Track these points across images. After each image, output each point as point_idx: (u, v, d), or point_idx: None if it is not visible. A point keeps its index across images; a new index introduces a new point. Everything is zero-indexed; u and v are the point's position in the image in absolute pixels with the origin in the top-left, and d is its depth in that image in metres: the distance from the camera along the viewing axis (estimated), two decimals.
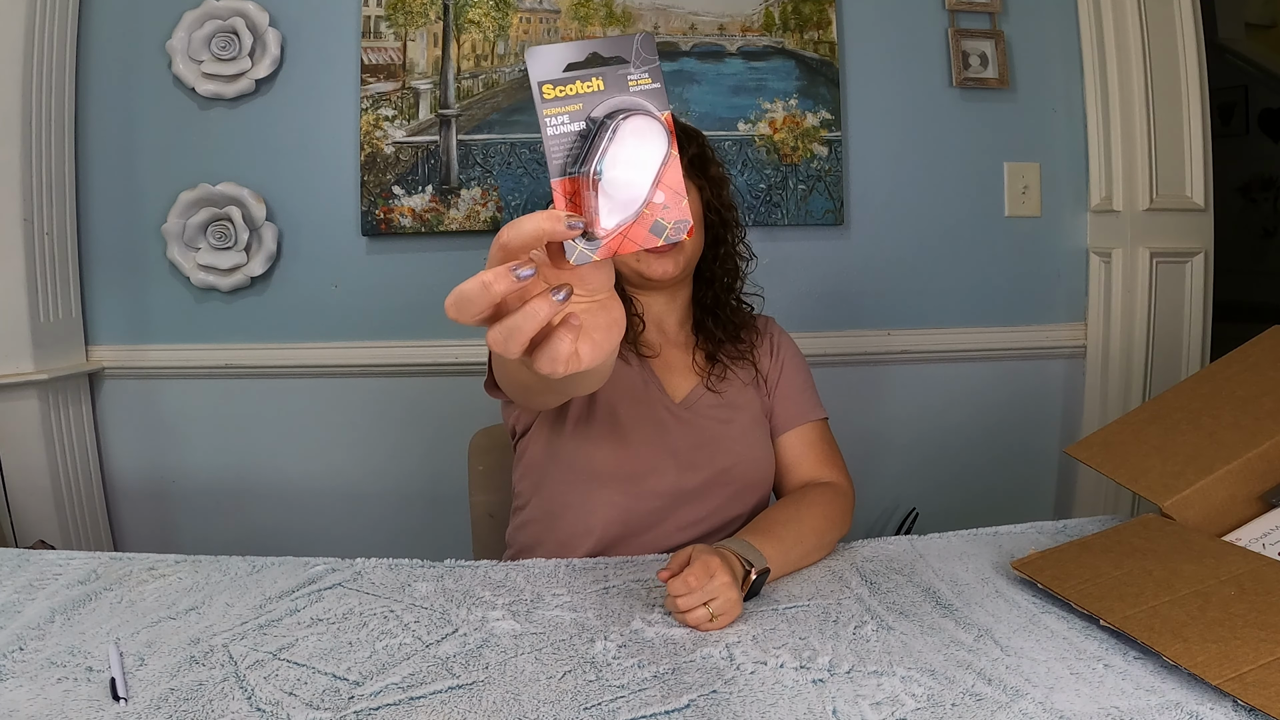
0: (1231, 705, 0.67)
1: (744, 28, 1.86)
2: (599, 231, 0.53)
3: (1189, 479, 0.95)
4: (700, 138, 1.15)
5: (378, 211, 1.81)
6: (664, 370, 1.16)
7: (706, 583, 0.83)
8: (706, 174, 1.14)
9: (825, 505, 1.07)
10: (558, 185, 0.53)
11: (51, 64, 1.70)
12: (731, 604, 0.84)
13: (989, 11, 1.89)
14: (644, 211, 0.54)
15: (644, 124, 0.54)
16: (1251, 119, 3.64)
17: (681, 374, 1.17)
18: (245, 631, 0.85)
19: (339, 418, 1.89)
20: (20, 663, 0.79)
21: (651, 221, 0.54)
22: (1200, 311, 1.86)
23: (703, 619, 0.83)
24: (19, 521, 1.70)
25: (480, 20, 1.82)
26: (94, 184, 1.83)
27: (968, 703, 0.70)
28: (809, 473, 1.16)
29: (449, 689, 0.74)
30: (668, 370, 1.16)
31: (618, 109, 0.54)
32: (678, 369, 1.17)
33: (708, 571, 0.84)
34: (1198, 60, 1.82)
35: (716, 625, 0.84)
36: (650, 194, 0.54)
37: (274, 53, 1.78)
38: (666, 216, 0.54)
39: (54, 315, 1.75)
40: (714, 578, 0.83)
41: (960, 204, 1.92)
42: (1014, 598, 0.89)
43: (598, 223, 0.52)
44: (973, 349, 1.94)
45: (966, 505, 1.95)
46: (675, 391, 1.15)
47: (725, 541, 0.94)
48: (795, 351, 1.25)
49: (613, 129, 0.53)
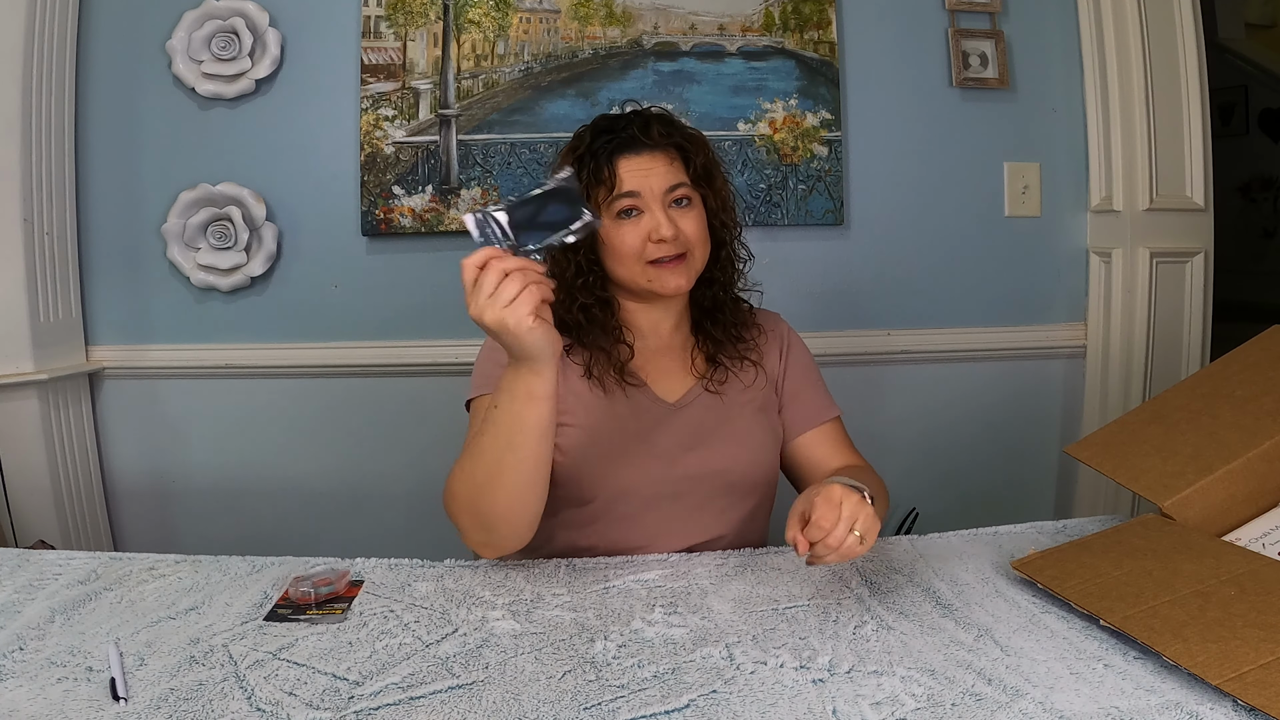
0: (1231, 705, 0.67)
1: (744, 28, 1.86)
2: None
3: (1189, 479, 0.95)
4: (707, 147, 1.14)
5: (378, 211, 1.81)
6: (656, 379, 1.14)
7: (836, 512, 0.83)
8: (712, 183, 1.13)
9: (874, 474, 1.09)
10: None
11: (51, 64, 1.70)
12: (872, 518, 0.84)
13: (989, 11, 1.89)
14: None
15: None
16: (1251, 119, 3.64)
17: (677, 378, 1.15)
18: (245, 631, 0.85)
19: (339, 418, 1.89)
20: (20, 663, 0.79)
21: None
22: (1200, 311, 1.86)
23: (854, 545, 0.83)
24: (19, 521, 1.70)
25: (480, 20, 1.82)
26: (94, 184, 1.83)
27: (967, 703, 0.70)
28: (837, 467, 1.15)
29: (449, 689, 0.74)
30: (661, 377, 1.14)
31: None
32: (673, 374, 1.15)
33: (833, 503, 0.83)
34: (1198, 60, 1.82)
35: (866, 547, 0.83)
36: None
37: (274, 53, 1.78)
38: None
39: (54, 315, 1.75)
40: (843, 502, 0.83)
41: (960, 204, 1.92)
42: (1014, 598, 0.89)
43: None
44: (973, 349, 1.94)
45: (966, 505, 1.95)
46: (670, 394, 1.14)
47: (821, 483, 0.92)
48: (805, 351, 1.23)
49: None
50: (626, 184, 1.06)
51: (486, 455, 0.94)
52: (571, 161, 1.09)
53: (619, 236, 1.07)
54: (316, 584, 0.92)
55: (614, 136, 1.09)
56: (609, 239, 1.08)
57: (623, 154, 1.07)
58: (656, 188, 1.07)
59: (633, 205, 1.06)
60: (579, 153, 1.10)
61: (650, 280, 1.08)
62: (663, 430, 1.11)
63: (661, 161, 1.08)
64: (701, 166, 1.12)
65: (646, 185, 1.06)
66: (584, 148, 1.10)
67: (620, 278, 1.10)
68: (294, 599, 0.91)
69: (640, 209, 1.06)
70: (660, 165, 1.08)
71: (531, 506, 0.97)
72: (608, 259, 1.10)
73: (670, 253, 1.06)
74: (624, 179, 1.06)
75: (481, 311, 0.83)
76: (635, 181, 1.06)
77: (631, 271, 1.08)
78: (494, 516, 0.95)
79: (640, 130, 1.08)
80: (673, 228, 1.05)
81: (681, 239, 1.07)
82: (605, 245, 1.09)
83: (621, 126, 1.10)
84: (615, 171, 1.07)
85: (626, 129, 1.09)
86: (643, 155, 1.07)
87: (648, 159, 1.07)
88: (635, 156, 1.07)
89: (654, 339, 1.16)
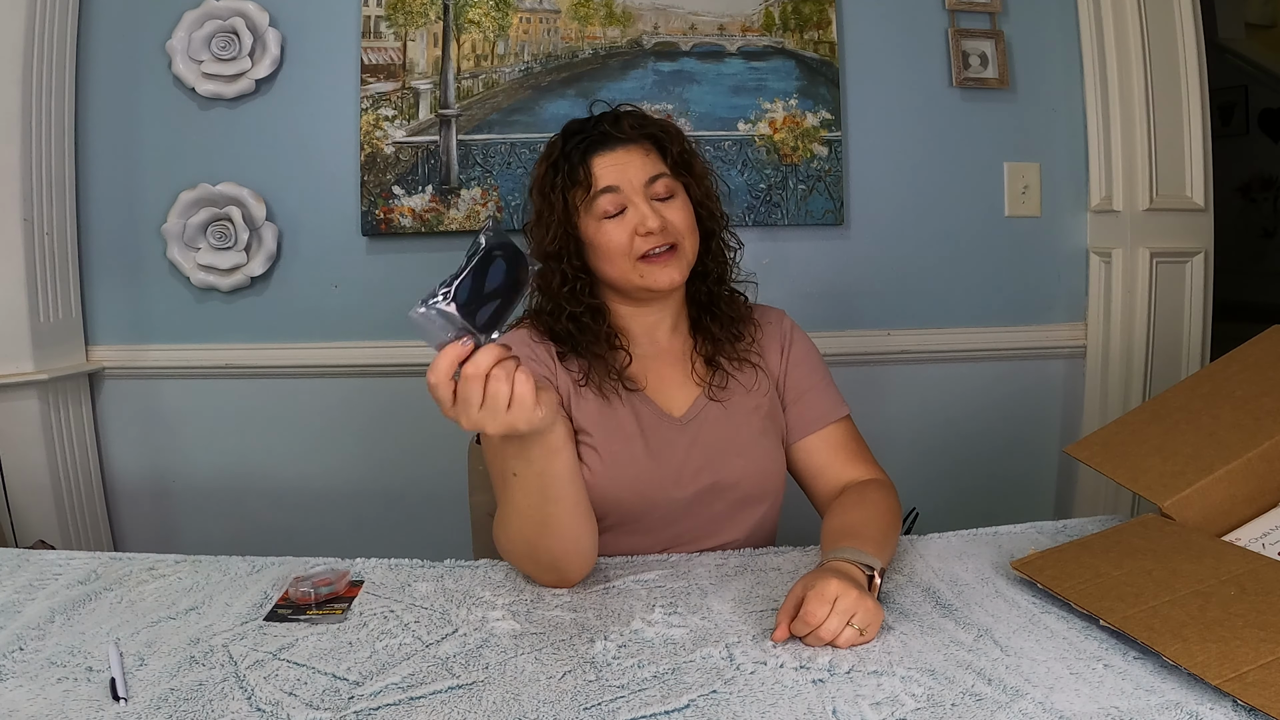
0: (1231, 705, 0.67)
1: (744, 28, 1.86)
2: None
3: (1189, 479, 0.95)
4: (682, 137, 1.13)
5: (378, 211, 1.81)
6: (658, 389, 1.12)
7: (828, 607, 0.79)
8: (692, 171, 1.11)
9: (887, 502, 1.05)
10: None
11: (51, 64, 1.70)
12: (872, 611, 0.81)
13: (989, 11, 1.89)
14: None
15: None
16: (1251, 119, 3.64)
17: (679, 387, 1.13)
18: (245, 632, 0.85)
19: (339, 418, 1.89)
20: (20, 663, 0.79)
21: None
22: (1200, 311, 1.86)
23: (852, 637, 0.80)
24: (19, 521, 1.70)
25: (480, 20, 1.82)
26: (94, 184, 1.83)
27: (967, 703, 0.70)
28: (842, 475, 1.12)
29: (449, 689, 0.74)
30: (663, 387, 1.12)
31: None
32: (674, 383, 1.13)
33: (825, 599, 0.79)
34: (1198, 60, 1.82)
35: (869, 636, 0.80)
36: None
37: (274, 53, 1.78)
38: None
39: (54, 315, 1.75)
40: (838, 598, 0.79)
41: (960, 204, 1.92)
42: (1014, 598, 0.89)
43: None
44: (973, 349, 1.94)
45: (966, 505, 1.95)
46: (675, 407, 1.11)
47: (829, 555, 0.91)
48: (808, 348, 1.20)
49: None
50: (603, 180, 1.05)
51: (529, 514, 0.91)
52: (546, 168, 1.08)
53: (604, 236, 1.05)
54: (316, 584, 0.92)
55: (585, 136, 1.08)
56: (595, 240, 1.06)
57: (596, 152, 1.06)
58: (635, 180, 1.05)
59: (614, 201, 1.05)
60: (552, 159, 1.09)
61: (642, 276, 1.06)
62: (672, 448, 1.09)
63: (637, 154, 1.07)
64: (679, 155, 1.10)
65: (625, 178, 1.05)
66: (557, 153, 1.08)
67: (611, 279, 1.08)
68: (294, 599, 0.91)
69: (623, 205, 1.05)
70: (636, 158, 1.07)
71: (587, 535, 0.95)
72: (596, 261, 1.08)
73: (660, 244, 1.04)
74: (600, 175, 1.05)
75: (481, 424, 0.77)
76: (612, 176, 1.05)
77: (622, 270, 1.06)
78: (555, 557, 0.94)
79: (611, 126, 1.08)
80: (659, 219, 1.04)
81: (670, 229, 1.05)
82: (592, 247, 1.07)
83: (592, 125, 1.09)
84: (590, 170, 1.05)
85: (597, 126, 1.08)
86: (617, 150, 1.06)
87: (622, 153, 1.06)
88: (609, 152, 1.06)
89: (650, 346, 1.14)
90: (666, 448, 1.09)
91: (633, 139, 1.07)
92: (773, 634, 0.82)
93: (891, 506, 1.05)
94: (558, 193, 1.07)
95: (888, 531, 0.99)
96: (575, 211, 1.06)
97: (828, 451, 1.14)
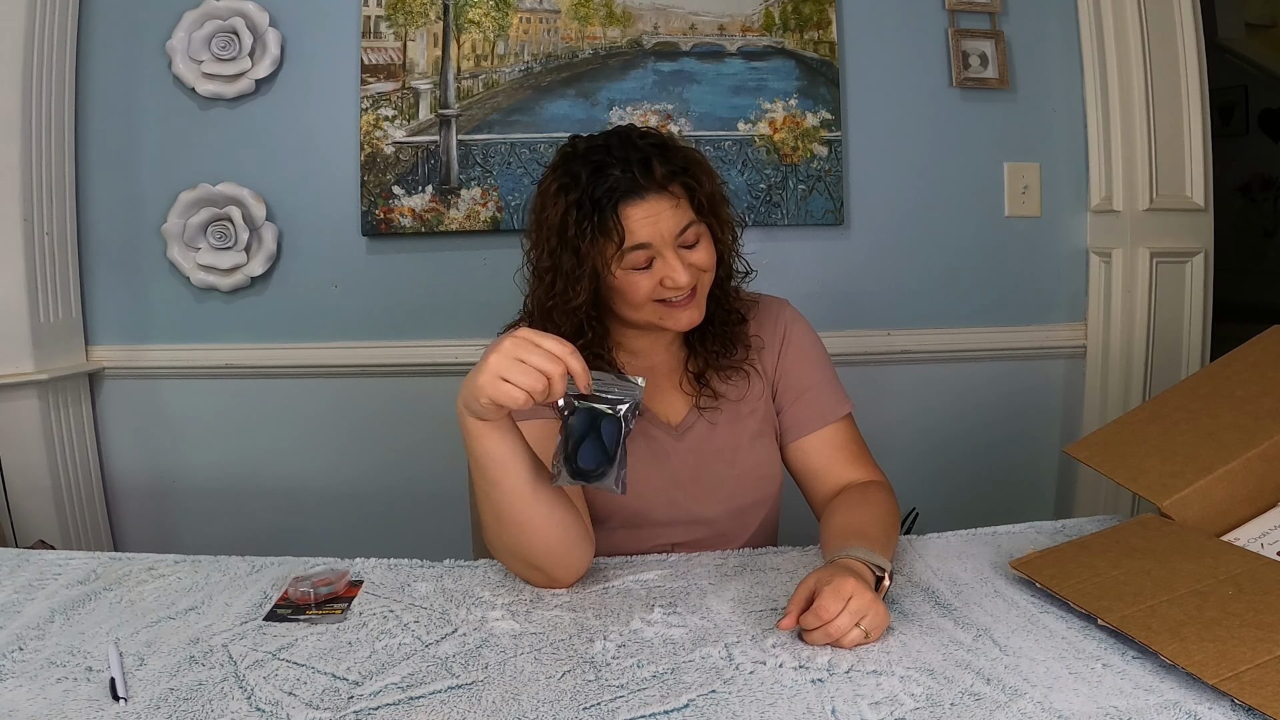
0: (1229, 705, 0.67)
1: (744, 28, 1.86)
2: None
3: (1188, 479, 0.95)
4: (707, 170, 1.08)
5: (378, 211, 1.82)
6: (654, 398, 1.12)
7: (842, 604, 0.79)
8: (718, 215, 1.08)
9: (888, 504, 1.05)
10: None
11: (51, 64, 1.70)
12: (881, 615, 0.80)
13: (989, 11, 1.89)
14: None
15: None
16: (1251, 119, 3.64)
17: (673, 395, 1.13)
18: (245, 631, 0.85)
19: (339, 418, 1.89)
20: (20, 663, 0.79)
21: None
22: (1200, 311, 1.86)
23: (858, 638, 0.79)
24: (19, 521, 1.70)
25: (480, 20, 1.82)
26: (94, 184, 1.83)
27: (966, 702, 0.70)
28: (841, 476, 1.12)
29: (449, 689, 0.74)
30: (658, 395, 1.12)
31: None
32: (667, 390, 1.13)
33: (840, 596, 0.79)
34: (1198, 60, 1.81)
35: (873, 639, 0.80)
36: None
37: (274, 53, 1.78)
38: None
39: (54, 315, 1.75)
40: (852, 597, 0.79)
41: (960, 204, 1.92)
42: (1013, 597, 0.89)
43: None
44: (973, 349, 1.94)
45: (966, 505, 1.95)
46: (671, 415, 1.12)
47: (838, 553, 0.90)
48: (808, 342, 1.18)
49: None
50: (637, 235, 1.00)
51: (486, 501, 0.92)
52: (566, 206, 1.01)
53: (632, 285, 1.02)
54: (316, 584, 0.92)
55: (611, 179, 1.00)
56: (620, 286, 1.02)
57: (626, 201, 0.99)
58: (667, 233, 1.00)
59: (646, 257, 1.01)
60: (574, 197, 1.01)
61: (662, 319, 1.04)
62: (670, 456, 1.10)
63: (668, 203, 1.01)
64: (706, 197, 1.05)
65: (656, 232, 1.00)
66: (581, 193, 1.00)
67: (631, 320, 1.07)
68: (294, 599, 0.91)
69: (653, 258, 1.01)
70: (667, 207, 1.01)
71: (557, 531, 0.92)
72: (617, 303, 1.06)
73: (684, 294, 1.03)
74: (634, 231, 0.99)
75: (507, 371, 0.84)
76: (646, 232, 1.00)
77: (643, 314, 1.04)
78: (534, 555, 0.93)
79: (642, 174, 1.00)
80: (687, 273, 1.01)
81: (694, 277, 1.03)
82: (613, 290, 1.04)
83: (619, 166, 1.00)
84: (621, 221, 0.99)
85: (626, 171, 1.00)
86: (648, 200, 1.00)
87: (654, 203, 1.00)
88: (641, 202, 1.00)
89: (646, 358, 1.14)
90: (664, 454, 1.10)
91: (664, 185, 1.01)
92: (779, 621, 0.82)
93: (892, 509, 1.05)
94: (587, 241, 1.01)
95: (890, 534, 1.00)
96: (606, 266, 1.02)
97: (827, 452, 1.13)
